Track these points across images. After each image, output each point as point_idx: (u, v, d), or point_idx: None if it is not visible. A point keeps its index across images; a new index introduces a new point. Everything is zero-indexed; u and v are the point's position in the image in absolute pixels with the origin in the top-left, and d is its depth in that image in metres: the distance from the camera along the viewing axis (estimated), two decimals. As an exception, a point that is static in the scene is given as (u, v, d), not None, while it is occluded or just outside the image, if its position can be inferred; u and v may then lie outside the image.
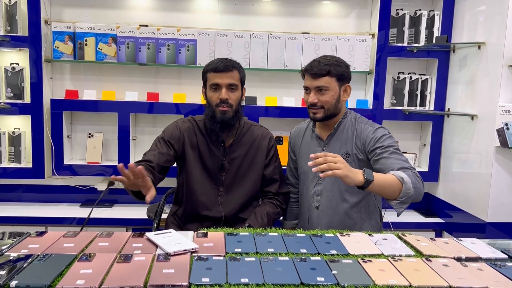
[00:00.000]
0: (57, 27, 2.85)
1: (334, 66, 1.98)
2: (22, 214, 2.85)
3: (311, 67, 2.00)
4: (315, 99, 1.99)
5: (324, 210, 2.07)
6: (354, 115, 2.11)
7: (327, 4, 3.12)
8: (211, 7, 3.06)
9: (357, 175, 1.64)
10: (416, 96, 3.07)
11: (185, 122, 2.17)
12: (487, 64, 2.62)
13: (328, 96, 1.99)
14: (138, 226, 2.84)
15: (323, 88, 1.98)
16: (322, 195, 2.07)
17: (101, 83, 3.05)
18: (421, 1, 3.14)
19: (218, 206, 2.10)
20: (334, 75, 1.98)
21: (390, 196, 1.73)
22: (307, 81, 2.03)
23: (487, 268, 1.35)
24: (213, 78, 2.03)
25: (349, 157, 2.02)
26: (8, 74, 2.85)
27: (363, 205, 2.06)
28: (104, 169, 2.96)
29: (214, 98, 2.04)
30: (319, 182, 2.08)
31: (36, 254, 1.33)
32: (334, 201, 2.05)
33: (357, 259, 1.37)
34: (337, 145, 2.06)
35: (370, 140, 1.97)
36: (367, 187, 1.66)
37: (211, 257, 1.35)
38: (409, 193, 1.71)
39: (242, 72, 2.11)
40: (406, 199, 1.72)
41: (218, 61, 2.05)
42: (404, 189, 1.70)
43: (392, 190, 1.71)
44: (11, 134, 2.91)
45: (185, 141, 2.12)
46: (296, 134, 2.26)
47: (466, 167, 2.80)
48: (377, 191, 1.71)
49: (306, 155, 2.13)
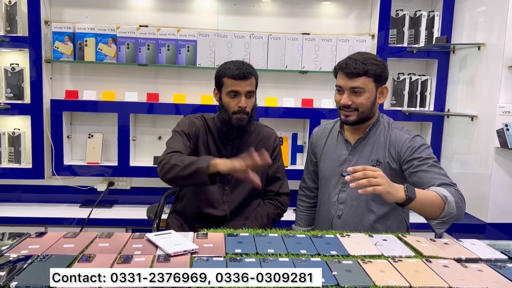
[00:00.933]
0: (57, 28, 2.85)
1: (372, 65, 1.78)
2: (21, 215, 2.85)
3: (347, 65, 1.79)
4: (348, 100, 1.81)
5: (347, 220, 1.90)
6: (388, 120, 1.94)
7: (327, 4, 3.13)
8: (211, 7, 3.06)
9: (399, 192, 1.53)
10: (416, 97, 3.07)
11: (198, 119, 2.14)
12: (487, 65, 2.62)
13: (364, 98, 1.80)
14: (138, 227, 2.84)
15: (358, 90, 1.79)
16: (346, 203, 1.91)
17: (101, 84, 3.05)
18: (421, 2, 3.14)
19: (223, 204, 2.11)
20: (371, 76, 1.79)
21: (431, 215, 1.61)
22: (341, 80, 1.83)
23: (487, 269, 1.35)
24: (232, 85, 1.99)
25: (380, 165, 1.85)
26: (8, 74, 2.85)
27: (390, 218, 1.91)
28: (104, 169, 2.95)
29: (232, 105, 2.00)
30: (343, 189, 1.92)
31: (36, 255, 1.33)
32: (360, 211, 1.89)
33: (357, 260, 1.37)
34: (367, 151, 1.89)
35: (406, 149, 1.81)
36: (408, 204, 1.54)
37: (211, 258, 1.35)
38: (452, 213, 1.59)
39: (257, 76, 2.08)
40: (447, 220, 1.60)
41: (237, 67, 1.99)
42: (447, 208, 1.58)
43: (434, 209, 1.59)
44: (11, 135, 2.91)
45: (199, 137, 2.09)
46: (319, 135, 2.09)
47: (466, 167, 2.80)
48: (418, 209, 1.59)
49: (330, 158, 1.99)
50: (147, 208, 2.33)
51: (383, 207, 1.88)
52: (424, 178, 1.73)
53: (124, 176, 3.02)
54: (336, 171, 1.95)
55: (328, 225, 1.97)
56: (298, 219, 2.19)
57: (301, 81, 3.13)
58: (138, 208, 3.00)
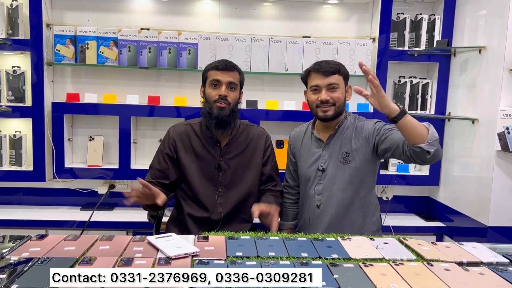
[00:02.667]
0: (59, 31, 2.85)
1: (341, 66, 2.07)
2: (22, 217, 2.85)
3: (321, 66, 2.04)
4: (327, 96, 2.02)
5: (325, 209, 2.10)
6: (354, 116, 2.17)
7: (328, 8, 3.13)
8: (212, 11, 3.07)
9: (393, 104, 1.76)
10: (417, 100, 3.07)
11: (177, 127, 2.23)
12: (488, 68, 2.62)
13: (339, 93, 2.05)
14: (139, 230, 2.83)
15: (334, 86, 2.03)
16: (323, 194, 2.11)
17: (102, 86, 3.05)
18: (421, 5, 3.15)
19: (217, 206, 2.11)
20: (342, 74, 2.06)
21: (419, 137, 1.76)
22: (317, 80, 2.06)
23: (488, 272, 1.35)
24: (214, 75, 2.09)
25: (349, 156, 2.07)
26: (9, 77, 2.85)
27: (364, 202, 2.10)
28: (104, 172, 2.96)
29: (213, 94, 2.08)
30: (319, 182, 2.12)
31: (37, 257, 1.33)
32: (335, 199, 2.09)
33: (358, 263, 1.37)
34: (337, 146, 2.10)
35: (373, 130, 2.04)
36: (401, 117, 1.72)
37: (212, 261, 1.35)
38: (436, 137, 1.78)
39: (242, 75, 2.17)
40: (434, 142, 1.77)
41: (220, 60, 2.12)
42: (431, 132, 1.78)
43: (421, 131, 1.76)
44: (12, 137, 2.91)
45: (177, 146, 2.16)
46: (295, 137, 2.29)
47: (467, 171, 2.79)
48: (407, 129, 1.75)
49: (306, 157, 2.19)
50: (147, 211, 2.33)
51: (356, 194, 2.08)
52: (395, 137, 1.92)
53: (125, 179, 3.02)
54: (313, 167, 2.15)
55: (309, 215, 2.16)
56: (283, 215, 2.33)
57: (302, 84, 3.09)
58: (139, 211, 2.99)
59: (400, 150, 1.89)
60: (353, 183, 2.07)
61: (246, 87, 2.26)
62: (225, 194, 2.13)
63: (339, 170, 2.09)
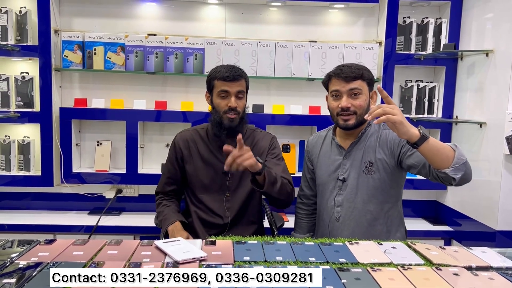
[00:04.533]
0: (67, 37, 2.88)
1: (365, 71, 1.90)
2: (30, 222, 2.87)
3: (342, 71, 1.88)
4: (348, 103, 1.87)
5: (345, 222, 1.96)
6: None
7: (334, 12, 3.13)
8: (219, 16, 3.08)
9: (412, 128, 1.59)
10: (424, 104, 3.06)
11: (184, 133, 2.23)
12: (495, 72, 2.61)
13: (362, 100, 1.88)
14: (146, 234, 2.84)
15: (357, 92, 1.87)
16: (343, 206, 1.97)
17: (109, 92, 3.07)
18: (428, 9, 3.14)
19: (225, 211, 2.11)
20: (365, 79, 1.89)
21: (443, 161, 1.62)
22: (337, 85, 1.90)
23: (498, 277, 1.34)
24: (221, 85, 2.05)
25: (373, 166, 1.92)
26: (18, 83, 2.88)
27: (388, 217, 1.96)
28: (112, 177, 2.97)
29: (222, 105, 2.06)
30: (339, 192, 1.98)
31: (46, 262, 1.34)
32: (356, 212, 1.94)
33: (366, 267, 1.37)
34: (359, 154, 1.96)
35: (398, 141, 1.88)
36: (422, 144, 1.58)
37: (220, 265, 1.35)
38: (463, 159, 1.63)
39: (248, 79, 2.15)
40: (460, 166, 1.62)
41: (226, 70, 2.05)
42: (457, 154, 1.62)
43: (446, 155, 1.61)
44: (20, 143, 2.94)
45: (183, 153, 2.17)
46: (314, 143, 2.16)
47: (475, 175, 2.74)
48: (430, 153, 1.60)
49: (326, 164, 2.05)
50: (155, 216, 2.34)
51: (379, 206, 1.93)
52: (420, 155, 1.72)
53: (132, 183, 3.03)
54: (332, 176, 2.02)
55: (328, 228, 2.02)
56: (298, 226, 2.22)
57: (308, 89, 3.13)
58: (146, 215, 3.01)
59: (427, 170, 1.74)
60: (376, 195, 1.92)
61: (252, 91, 2.27)
62: (233, 199, 2.14)
63: (361, 180, 1.94)
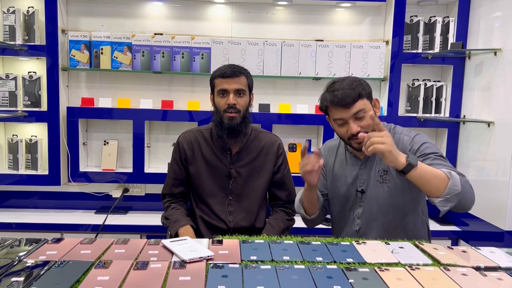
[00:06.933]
0: (74, 36, 2.89)
1: (359, 87, 1.76)
2: (38, 221, 2.88)
3: (338, 99, 1.74)
4: (357, 128, 1.74)
5: (365, 234, 1.90)
6: (389, 127, 1.92)
7: (340, 11, 3.12)
8: (225, 15, 3.08)
9: (400, 156, 1.54)
10: (431, 103, 3.04)
11: (187, 134, 2.20)
12: (503, 71, 2.59)
13: (369, 119, 1.72)
14: (153, 233, 2.85)
15: (361, 113, 1.75)
16: (362, 217, 1.91)
17: (116, 91, 3.08)
18: (435, 8, 3.13)
19: (227, 215, 2.10)
20: (364, 96, 1.77)
21: (434, 190, 1.57)
22: (338, 113, 1.77)
23: (507, 277, 1.33)
24: (220, 84, 2.04)
25: (387, 174, 1.85)
26: (25, 82, 2.90)
27: (409, 229, 1.88)
28: (119, 176, 2.98)
29: (221, 104, 2.04)
30: (360, 204, 1.91)
31: (54, 260, 1.34)
32: (375, 223, 1.89)
33: (373, 267, 1.36)
34: (373, 163, 1.89)
35: (409, 149, 1.81)
36: (409, 172, 1.54)
37: (227, 265, 1.34)
38: (456, 190, 1.55)
39: (250, 78, 2.11)
40: (452, 197, 1.56)
41: (225, 67, 2.05)
42: (450, 184, 1.55)
43: (436, 184, 1.56)
44: (28, 142, 2.95)
45: (187, 154, 2.16)
46: (326, 155, 2.05)
47: (482, 174, 2.76)
48: (419, 181, 1.56)
49: (343, 177, 1.96)
50: (161, 215, 2.34)
51: (398, 214, 1.87)
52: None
53: (138, 182, 3.03)
54: (351, 188, 1.94)
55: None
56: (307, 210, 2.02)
57: (314, 88, 3.12)
58: (153, 214, 3.01)
59: None
60: (394, 205, 1.85)
61: (259, 90, 2.25)
62: (236, 203, 2.12)
63: (377, 190, 1.87)
